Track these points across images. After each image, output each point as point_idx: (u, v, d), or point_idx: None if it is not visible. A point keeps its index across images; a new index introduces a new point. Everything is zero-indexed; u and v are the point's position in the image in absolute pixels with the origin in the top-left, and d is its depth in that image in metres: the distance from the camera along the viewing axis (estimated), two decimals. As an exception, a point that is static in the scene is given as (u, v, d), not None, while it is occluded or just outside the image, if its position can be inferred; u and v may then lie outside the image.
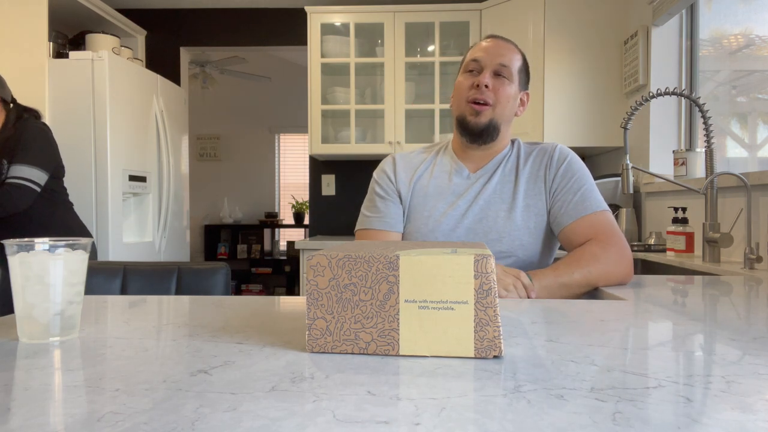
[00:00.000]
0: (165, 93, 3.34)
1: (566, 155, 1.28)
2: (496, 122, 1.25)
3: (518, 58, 1.29)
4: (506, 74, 1.25)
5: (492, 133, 1.26)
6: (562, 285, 1.09)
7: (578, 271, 1.10)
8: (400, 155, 1.39)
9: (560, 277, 1.09)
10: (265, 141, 6.29)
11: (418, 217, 1.29)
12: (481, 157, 1.31)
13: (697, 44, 2.49)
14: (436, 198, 1.29)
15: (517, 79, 1.27)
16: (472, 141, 1.28)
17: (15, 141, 2.05)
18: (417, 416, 0.41)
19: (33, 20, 2.72)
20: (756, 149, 2.12)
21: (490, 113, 1.24)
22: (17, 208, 2.02)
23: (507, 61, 1.25)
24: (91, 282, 1.43)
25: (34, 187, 2.06)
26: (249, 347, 0.62)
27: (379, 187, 1.34)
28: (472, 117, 1.25)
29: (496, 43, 1.28)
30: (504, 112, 1.26)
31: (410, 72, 3.29)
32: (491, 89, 1.24)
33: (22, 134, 2.07)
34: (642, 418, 0.41)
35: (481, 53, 1.26)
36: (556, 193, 1.25)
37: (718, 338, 0.67)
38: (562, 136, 2.82)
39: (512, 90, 1.26)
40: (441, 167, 1.33)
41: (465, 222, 1.26)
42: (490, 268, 0.57)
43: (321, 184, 3.62)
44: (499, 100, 1.24)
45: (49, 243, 0.66)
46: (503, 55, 1.25)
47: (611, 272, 1.12)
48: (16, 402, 0.45)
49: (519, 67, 1.28)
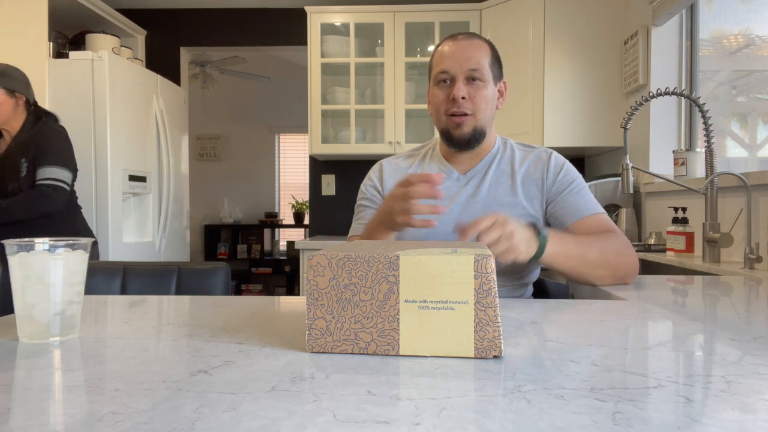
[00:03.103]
0: (165, 93, 3.34)
1: (563, 162, 1.29)
2: (480, 128, 1.24)
3: (486, 54, 1.24)
4: (479, 76, 1.21)
5: (479, 139, 1.25)
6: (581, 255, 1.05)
7: (597, 247, 1.07)
8: (388, 161, 1.38)
9: (581, 248, 1.06)
10: (265, 141, 6.29)
11: None
12: (470, 159, 1.30)
13: (697, 44, 2.49)
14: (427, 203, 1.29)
15: (490, 77, 1.24)
16: (460, 149, 1.27)
17: (37, 143, 2.06)
18: (417, 416, 0.41)
19: (33, 20, 2.72)
20: (756, 149, 2.12)
21: (472, 122, 1.23)
22: (53, 208, 2.06)
23: (476, 63, 1.21)
24: (91, 282, 1.43)
25: (66, 187, 2.10)
26: (249, 347, 0.62)
27: (365, 197, 1.35)
28: (455, 130, 1.23)
29: (460, 45, 1.23)
30: (486, 116, 1.24)
31: (410, 72, 3.29)
32: (468, 98, 1.21)
33: (45, 136, 2.08)
34: (642, 418, 0.41)
35: (449, 62, 1.22)
36: (556, 197, 1.25)
37: (718, 338, 0.67)
38: (562, 136, 2.82)
39: (488, 91, 1.23)
40: (429, 171, 1.32)
41: None
42: (490, 268, 0.57)
43: (321, 184, 3.62)
44: (478, 106, 1.22)
45: (49, 243, 0.66)
46: (470, 58, 1.21)
47: (622, 259, 1.10)
48: (16, 402, 0.45)
49: (489, 63, 1.24)
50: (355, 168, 3.57)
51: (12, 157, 2.07)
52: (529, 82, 2.87)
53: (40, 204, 2.03)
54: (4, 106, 2.07)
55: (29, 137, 2.09)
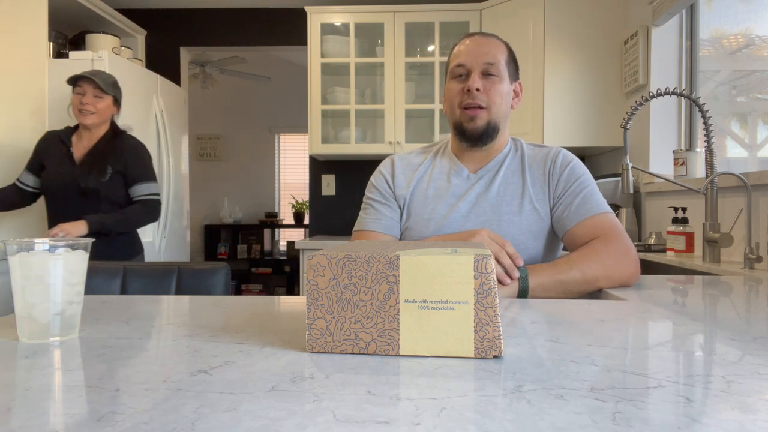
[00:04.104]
0: (165, 93, 3.34)
1: (570, 160, 1.27)
2: (494, 123, 1.24)
3: (503, 51, 1.25)
4: (495, 72, 1.22)
5: (492, 134, 1.25)
6: (558, 282, 1.06)
7: (576, 268, 1.07)
8: (399, 157, 1.38)
9: (558, 274, 1.07)
10: (265, 141, 6.29)
11: (419, 221, 1.28)
12: (481, 157, 1.30)
13: (697, 44, 2.49)
14: (436, 200, 1.28)
15: (506, 73, 1.25)
16: (473, 145, 1.27)
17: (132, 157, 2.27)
18: (417, 416, 0.41)
19: (33, 20, 2.72)
20: (756, 149, 2.11)
21: (485, 116, 1.23)
22: (157, 219, 2.37)
23: (492, 58, 1.22)
24: (91, 282, 1.42)
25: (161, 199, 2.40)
26: (249, 347, 0.62)
27: (376, 190, 1.34)
28: (468, 123, 1.23)
29: (477, 42, 1.25)
30: (500, 111, 1.24)
31: (410, 72, 3.29)
32: (483, 91, 1.22)
33: (140, 153, 2.31)
34: (642, 418, 0.41)
35: (465, 56, 1.23)
36: (560, 197, 1.24)
37: (718, 338, 0.67)
38: (562, 136, 2.82)
39: (504, 86, 1.24)
40: (440, 169, 1.32)
41: (467, 225, 1.24)
42: (490, 268, 0.57)
43: (321, 184, 3.62)
44: (493, 100, 1.22)
45: (49, 243, 0.66)
46: (487, 53, 1.22)
47: (612, 269, 1.09)
48: (16, 402, 0.45)
49: (506, 60, 1.25)
50: (355, 168, 3.57)
51: (96, 161, 2.21)
52: (529, 82, 2.87)
53: (152, 216, 2.30)
54: (109, 110, 2.29)
55: (116, 148, 2.26)
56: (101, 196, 2.20)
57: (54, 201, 2.25)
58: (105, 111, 2.26)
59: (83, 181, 2.16)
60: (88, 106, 2.21)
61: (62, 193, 2.21)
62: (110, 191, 2.22)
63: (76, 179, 2.18)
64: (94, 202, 2.20)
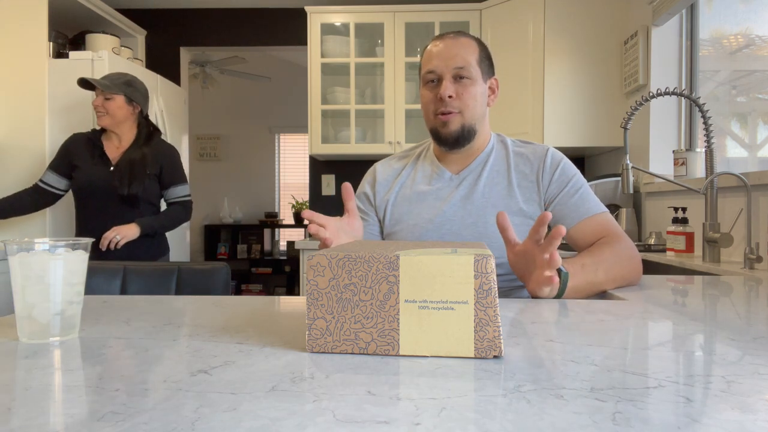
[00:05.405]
0: (165, 93, 3.34)
1: (559, 159, 1.26)
2: (469, 125, 1.23)
3: (473, 51, 1.23)
4: (466, 74, 1.21)
5: (468, 137, 1.24)
6: (588, 283, 1.04)
7: (601, 269, 1.06)
8: (381, 163, 1.38)
9: (587, 275, 1.05)
10: (265, 141, 6.29)
11: (404, 227, 1.28)
12: (462, 159, 1.29)
13: (697, 44, 2.49)
14: (420, 205, 1.27)
15: (479, 74, 1.23)
16: (451, 148, 1.27)
17: (166, 160, 2.33)
18: (417, 416, 0.41)
19: (33, 20, 2.72)
20: (756, 149, 2.12)
21: (459, 119, 1.22)
22: (190, 218, 2.46)
23: (462, 61, 1.20)
24: (91, 282, 1.43)
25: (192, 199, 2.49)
26: (249, 347, 0.62)
27: (359, 201, 1.35)
28: (443, 128, 1.23)
29: (447, 44, 1.23)
30: (474, 113, 1.23)
31: (410, 72, 3.29)
32: (455, 96, 1.21)
33: (173, 156, 2.38)
34: (642, 418, 0.41)
35: (436, 61, 1.22)
36: (555, 197, 1.23)
37: (718, 338, 0.67)
38: (562, 136, 2.82)
39: (476, 88, 1.23)
40: (422, 172, 1.32)
41: (454, 228, 1.24)
42: (490, 268, 0.57)
43: (321, 184, 3.62)
44: (466, 104, 1.21)
45: (49, 243, 0.66)
46: (456, 55, 1.21)
47: (627, 269, 1.10)
48: (16, 402, 0.45)
49: (477, 60, 1.23)
50: (355, 168, 3.57)
51: (134, 164, 2.25)
52: (529, 82, 2.87)
53: (188, 216, 2.41)
54: (122, 110, 2.28)
55: (152, 152, 2.30)
56: (140, 199, 2.25)
57: (88, 202, 2.25)
58: (117, 111, 2.26)
59: (122, 189, 2.20)
60: (99, 108, 2.25)
61: (99, 195, 2.23)
62: (148, 194, 2.28)
63: (113, 185, 2.21)
64: (132, 205, 2.24)
